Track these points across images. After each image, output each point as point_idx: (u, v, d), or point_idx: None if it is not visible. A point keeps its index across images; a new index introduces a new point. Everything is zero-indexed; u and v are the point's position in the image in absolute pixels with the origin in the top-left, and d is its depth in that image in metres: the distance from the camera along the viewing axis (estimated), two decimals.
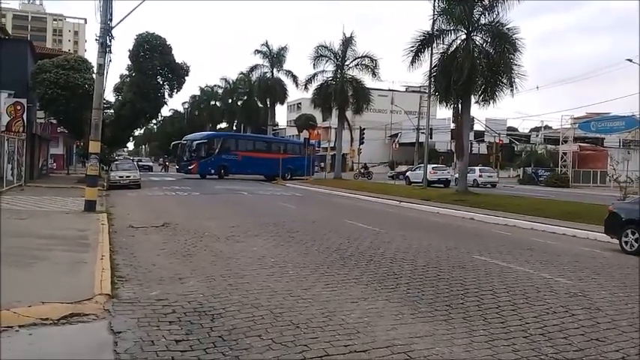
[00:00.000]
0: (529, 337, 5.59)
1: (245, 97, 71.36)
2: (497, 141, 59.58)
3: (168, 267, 8.48)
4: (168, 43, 32.98)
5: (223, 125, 78.49)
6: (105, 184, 27.00)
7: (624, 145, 53.91)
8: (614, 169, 36.10)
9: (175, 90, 34.01)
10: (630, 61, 38.91)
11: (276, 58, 58.86)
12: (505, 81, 26.19)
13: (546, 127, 69.31)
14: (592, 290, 7.88)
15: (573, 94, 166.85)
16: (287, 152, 45.55)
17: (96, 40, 17.17)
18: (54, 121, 34.57)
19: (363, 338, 5.33)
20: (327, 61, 43.98)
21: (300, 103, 77.21)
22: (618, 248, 12.09)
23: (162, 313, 5.93)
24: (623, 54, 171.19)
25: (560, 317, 6.39)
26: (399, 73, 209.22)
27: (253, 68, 61.46)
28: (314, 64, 44.19)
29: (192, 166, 41.77)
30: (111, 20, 17.06)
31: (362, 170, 51.93)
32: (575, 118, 53.84)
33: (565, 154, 50.70)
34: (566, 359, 5.02)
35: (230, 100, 76.42)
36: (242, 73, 69.17)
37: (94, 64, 20.86)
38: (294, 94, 67.96)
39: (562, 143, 51.83)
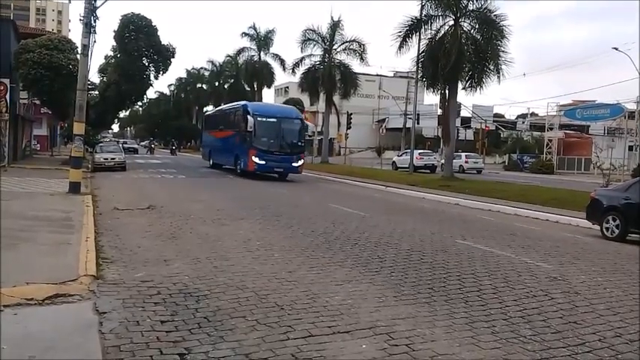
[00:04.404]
0: (509, 320, 5.71)
1: (232, 80, 70.80)
2: (484, 127, 59.88)
3: (153, 249, 8.49)
4: (153, 24, 32.47)
5: (210, 108, 77.98)
6: (89, 166, 26.80)
7: (609, 133, 54.52)
8: (597, 156, 36.60)
9: (161, 72, 33.66)
10: (616, 49, 39.27)
11: (263, 41, 58.30)
12: (492, 67, 26.32)
13: (532, 114, 69.69)
14: (572, 275, 8.04)
15: (560, 82, 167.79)
16: None
17: (80, 20, 16.96)
18: (37, 102, 34.10)
19: (347, 320, 5.41)
20: (314, 45, 43.79)
21: (287, 87, 76.68)
22: (599, 234, 12.30)
23: (148, 294, 5.96)
24: (610, 42, 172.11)
25: (540, 301, 6.52)
26: (387, 58, 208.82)
27: (240, 51, 60.85)
28: (301, 48, 43.96)
29: (300, 163, 26.39)
30: (95, 0, 16.83)
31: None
32: (561, 106, 54.33)
33: (550, 141, 51.18)
34: (544, 341, 5.13)
35: (217, 83, 75.79)
36: (229, 55, 68.63)
37: (78, 44, 20.61)
38: (281, 77, 67.44)
39: (547, 130, 52.26)
